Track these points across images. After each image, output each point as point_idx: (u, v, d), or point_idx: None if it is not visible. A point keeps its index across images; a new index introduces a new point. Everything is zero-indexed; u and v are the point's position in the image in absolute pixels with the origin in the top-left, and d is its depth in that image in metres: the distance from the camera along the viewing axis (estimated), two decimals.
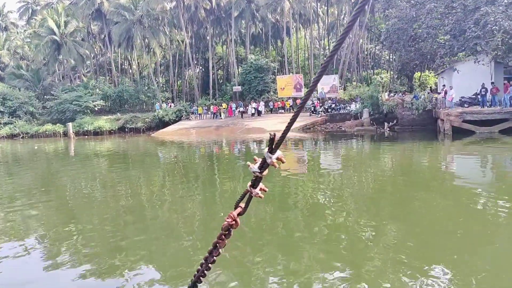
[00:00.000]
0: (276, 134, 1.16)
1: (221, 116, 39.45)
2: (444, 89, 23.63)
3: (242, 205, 1.34)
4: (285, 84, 39.79)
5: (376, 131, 27.07)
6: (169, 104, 44.08)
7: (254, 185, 1.25)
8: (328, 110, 33.49)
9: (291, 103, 38.46)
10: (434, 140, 20.47)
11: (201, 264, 1.44)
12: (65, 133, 40.45)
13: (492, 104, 21.29)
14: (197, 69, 55.15)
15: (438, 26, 23.58)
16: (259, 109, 38.19)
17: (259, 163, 1.21)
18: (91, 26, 52.74)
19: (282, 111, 38.38)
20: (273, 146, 1.16)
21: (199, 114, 40.97)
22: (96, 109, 43.78)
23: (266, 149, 1.17)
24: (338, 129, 29.85)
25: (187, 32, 48.07)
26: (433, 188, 10.14)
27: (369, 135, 25.55)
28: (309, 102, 35.18)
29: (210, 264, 1.41)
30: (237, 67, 47.59)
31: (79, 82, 51.81)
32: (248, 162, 1.23)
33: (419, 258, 5.48)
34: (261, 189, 1.26)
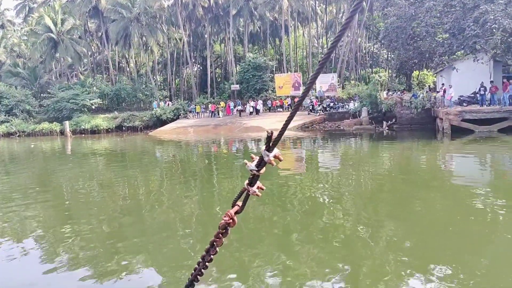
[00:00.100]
0: (273, 132, 1.15)
1: (219, 114, 39.31)
2: (443, 87, 23.56)
3: (240, 203, 1.33)
4: (284, 83, 39.65)
5: (375, 130, 26.99)
6: (167, 102, 43.94)
7: (251, 183, 1.24)
8: (327, 109, 33.38)
9: (289, 101, 38.36)
10: (433, 139, 20.41)
11: (198, 263, 1.44)
12: (62, 132, 40.23)
13: (491, 103, 21.23)
14: (195, 68, 54.99)
15: (437, 25, 23.50)
16: (257, 107, 38.07)
17: (256, 161, 1.20)
18: (88, 23, 52.47)
19: (280, 109, 38.26)
20: (270, 144, 1.15)
21: (197, 113, 40.83)
22: (93, 107, 43.53)
23: (264, 147, 1.16)
24: (336, 128, 29.76)
25: (185, 30, 47.88)
26: (432, 187, 10.08)
27: (368, 134, 25.47)
28: (308, 100, 35.10)
29: (207, 262, 1.41)
30: (235, 65, 47.43)
31: (76, 80, 51.57)
32: (245, 160, 1.23)
33: (418, 257, 5.47)
34: (258, 187, 1.25)
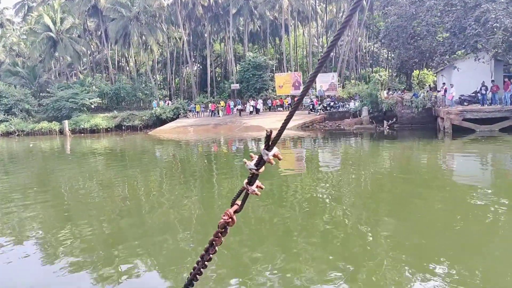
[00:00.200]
0: (272, 131, 1.15)
1: (219, 114, 39.20)
2: (444, 87, 23.46)
3: (239, 202, 1.32)
4: (284, 82, 39.55)
5: (376, 129, 26.90)
6: (166, 102, 43.80)
7: (250, 182, 1.23)
8: (327, 108, 33.29)
9: (289, 101, 38.25)
10: (434, 139, 20.32)
11: (197, 262, 1.44)
12: (61, 131, 40.08)
13: (492, 102, 21.14)
14: (195, 67, 54.87)
15: (437, 24, 23.39)
16: (257, 107, 37.97)
17: (255, 160, 1.20)
18: (88, 22, 52.34)
19: (280, 109, 38.17)
20: (269, 143, 1.14)
21: (197, 112, 40.72)
22: (93, 106, 43.39)
23: (263, 146, 1.15)
24: (337, 127, 29.66)
25: (185, 29, 47.75)
26: (433, 186, 10.02)
27: (368, 133, 25.38)
28: (308, 100, 35.00)
29: (206, 262, 1.41)
30: (235, 64, 47.31)
31: (75, 79, 51.41)
32: (245, 159, 1.22)
33: (419, 257, 5.45)
34: (257, 186, 1.24)
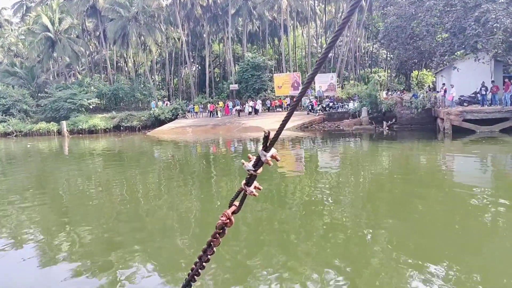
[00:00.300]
0: (270, 132, 1.15)
1: (217, 114, 39.07)
2: (444, 87, 23.39)
3: (237, 203, 1.31)
4: (283, 83, 39.44)
5: (375, 130, 26.82)
6: (165, 102, 43.66)
7: (248, 183, 1.23)
8: (326, 109, 33.18)
9: (288, 101, 38.14)
10: (434, 139, 20.23)
11: (195, 263, 1.43)
12: (59, 132, 39.91)
13: (492, 103, 21.07)
14: (194, 67, 54.74)
15: (437, 24, 23.31)
16: (256, 107, 37.85)
17: (253, 161, 1.19)
18: (86, 23, 52.13)
19: (279, 109, 38.03)
20: (267, 144, 1.14)
21: (196, 113, 40.57)
22: (91, 107, 43.23)
23: (261, 147, 1.15)
24: (336, 128, 29.56)
25: (184, 30, 47.61)
26: (433, 187, 9.95)
27: (368, 134, 25.29)
28: (307, 100, 34.91)
29: (204, 263, 1.40)
30: (234, 65, 47.19)
31: (74, 80, 51.22)
32: (243, 160, 1.22)
33: (418, 257, 5.43)
34: (255, 187, 1.24)
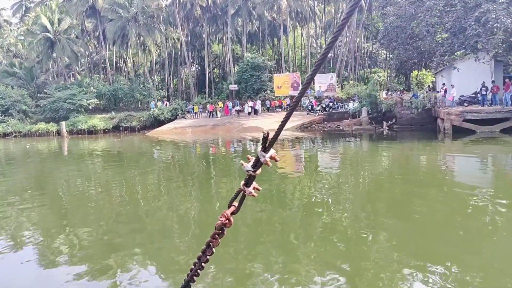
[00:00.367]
0: (269, 132, 1.15)
1: (217, 115, 39.02)
2: (444, 87, 23.33)
3: (236, 204, 1.31)
4: (282, 83, 39.39)
5: (375, 130, 26.76)
6: (164, 102, 43.58)
7: (247, 184, 1.23)
8: (326, 109, 33.13)
9: (288, 101, 38.09)
10: (434, 140, 20.18)
11: (194, 263, 1.43)
12: (59, 132, 39.84)
13: (492, 103, 21.02)
14: (193, 68, 54.67)
15: (437, 24, 23.27)
16: (256, 107, 37.80)
17: (252, 161, 1.19)
18: (85, 23, 52.05)
19: (279, 109, 37.97)
20: (266, 144, 1.14)
21: (195, 113, 40.51)
22: (90, 107, 43.16)
23: (260, 148, 1.15)
24: (336, 128, 29.51)
25: (183, 30, 47.55)
26: (433, 187, 9.90)
27: (368, 134, 25.24)
28: (306, 101, 34.86)
29: (203, 263, 1.39)
30: (234, 65, 47.13)
31: (73, 80, 51.11)
32: (242, 161, 1.22)
33: (418, 257, 5.40)
34: (254, 188, 1.24)
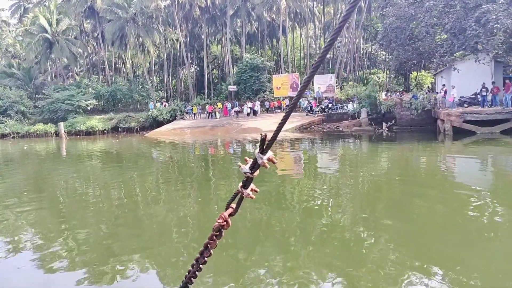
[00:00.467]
0: (267, 134, 1.15)
1: (216, 115, 38.91)
2: (444, 88, 23.26)
3: (234, 205, 1.31)
4: (281, 84, 39.31)
5: (374, 131, 26.67)
6: (163, 103, 43.47)
7: (245, 185, 1.23)
8: (325, 110, 33.03)
9: (287, 102, 37.99)
10: (434, 141, 20.08)
11: (192, 265, 1.42)
12: (57, 133, 39.71)
13: (492, 104, 20.95)
14: (192, 68, 54.53)
15: (437, 25, 23.20)
16: (255, 108, 37.70)
17: (250, 163, 1.19)
18: (84, 24, 51.94)
19: (278, 110, 37.90)
20: (264, 146, 1.14)
21: (194, 114, 40.42)
22: (89, 108, 43.04)
23: (257, 149, 1.15)
24: (335, 129, 29.41)
25: (182, 31, 47.44)
26: (433, 188, 9.82)
27: (367, 135, 25.15)
28: (305, 102, 34.77)
29: (201, 265, 1.39)
30: (233, 66, 47.03)
31: (72, 81, 51.02)
32: (239, 163, 1.22)
33: (418, 259, 5.38)
34: (252, 190, 1.24)
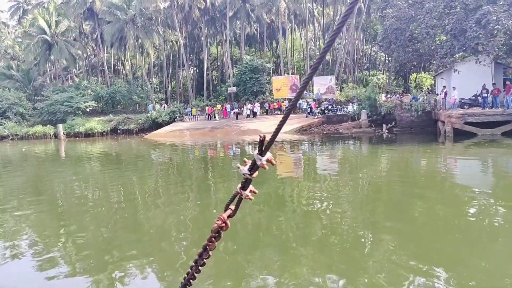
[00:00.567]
0: (265, 136, 1.14)
1: (215, 117, 38.81)
2: (445, 90, 23.18)
3: (232, 207, 1.30)
4: (281, 85, 39.24)
5: (374, 133, 26.58)
6: (162, 105, 43.37)
7: (244, 187, 1.22)
8: (325, 112, 32.95)
9: (287, 104, 37.88)
10: (434, 142, 20.00)
11: (191, 267, 1.42)
12: (56, 135, 39.56)
13: (493, 106, 20.88)
14: (191, 70, 54.46)
15: (437, 26, 23.14)
16: (254, 110, 37.61)
17: (249, 165, 1.18)
18: (83, 25, 51.87)
19: (278, 112, 37.80)
20: (262, 148, 1.13)
21: (193, 116, 40.29)
22: (88, 110, 42.93)
23: (256, 151, 1.14)
24: (335, 130, 29.33)
25: (181, 32, 47.39)
26: (434, 190, 9.75)
27: (367, 137, 25.05)
28: (304, 104, 34.68)
29: (200, 266, 1.39)
30: (232, 68, 46.98)
31: (71, 82, 50.91)
32: (238, 164, 1.21)
33: (418, 260, 5.33)
34: (251, 191, 1.23)
